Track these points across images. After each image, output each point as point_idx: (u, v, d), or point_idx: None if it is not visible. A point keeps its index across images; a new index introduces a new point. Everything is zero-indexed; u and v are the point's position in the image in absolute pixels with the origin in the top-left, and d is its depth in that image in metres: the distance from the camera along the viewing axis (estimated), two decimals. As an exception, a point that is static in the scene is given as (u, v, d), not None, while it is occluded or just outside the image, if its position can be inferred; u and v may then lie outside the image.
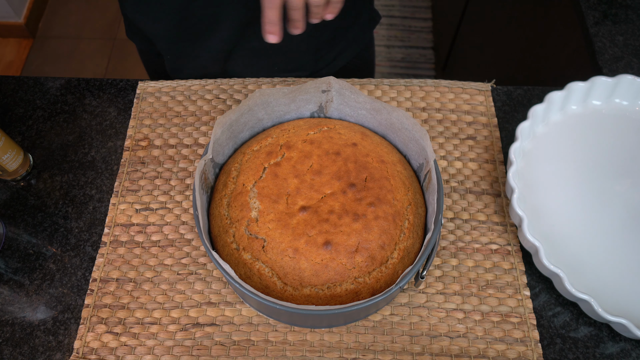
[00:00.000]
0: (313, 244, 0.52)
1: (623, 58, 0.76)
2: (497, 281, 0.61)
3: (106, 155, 0.71)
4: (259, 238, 0.53)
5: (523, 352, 0.57)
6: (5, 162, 0.65)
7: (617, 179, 0.65)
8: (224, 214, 0.55)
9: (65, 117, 0.74)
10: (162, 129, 0.72)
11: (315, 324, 0.58)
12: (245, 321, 0.59)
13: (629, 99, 0.69)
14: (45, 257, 0.64)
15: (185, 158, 0.69)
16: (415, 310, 0.59)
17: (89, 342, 0.58)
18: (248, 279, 0.53)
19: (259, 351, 0.57)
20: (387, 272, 0.53)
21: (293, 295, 0.52)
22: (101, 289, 0.61)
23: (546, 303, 0.60)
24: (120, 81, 0.77)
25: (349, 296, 0.52)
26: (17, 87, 0.77)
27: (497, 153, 0.69)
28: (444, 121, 0.71)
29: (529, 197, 0.64)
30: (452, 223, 0.64)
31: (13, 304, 0.61)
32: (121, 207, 0.66)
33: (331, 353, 0.57)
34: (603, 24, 0.79)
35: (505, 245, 0.63)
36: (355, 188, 0.55)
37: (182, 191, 0.67)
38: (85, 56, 1.97)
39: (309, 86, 0.60)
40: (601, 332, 0.58)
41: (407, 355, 0.57)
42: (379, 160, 0.57)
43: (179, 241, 0.64)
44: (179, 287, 0.61)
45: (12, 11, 1.91)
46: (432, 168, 0.55)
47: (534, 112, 0.66)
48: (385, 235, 0.53)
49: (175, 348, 0.57)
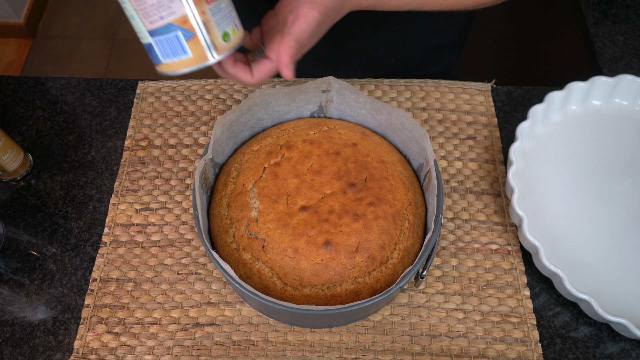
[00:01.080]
0: (313, 244, 0.52)
1: (623, 58, 0.76)
2: (497, 281, 0.61)
3: (106, 155, 0.71)
4: (259, 238, 0.53)
5: (523, 352, 0.57)
6: (5, 162, 0.65)
7: (617, 179, 0.65)
8: (224, 214, 0.55)
9: (65, 117, 0.74)
10: (162, 129, 0.72)
11: (315, 324, 0.58)
12: (245, 321, 0.59)
13: (629, 99, 0.69)
14: (45, 257, 0.64)
15: (185, 158, 0.69)
16: (415, 310, 0.59)
17: (89, 342, 0.58)
18: (248, 279, 0.53)
19: (259, 351, 0.57)
20: (387, 272, 0.53)
21: (293, 295, 0.52)
22: (101, 289, 0.61)
23: (546, 303, 0.60)
24: (120, 81, 0.77)
25: (349, 296, 0.52)
26: (17, 87, 0.77)
27: (497, 153, 0.69)
28: (444, 121, 0.71)
29: (529, 197, 0.64)
30: (452, 223, 0.64)
31: (13, 304, 0.61)
32: (121, 207, 0.66)
33: (331, 353, 0.57)
34: (603, 24, 0.79)
35: (505, 245, 0.63)
36: (355, 188, 0.55)
37: (182, 191, 0.67)
38: (85, 56, 1.97)
39: (309, 86, 0.60)
40: (601, 332, 0.58)
41: (407, 355, 0.57)
42: (379, 160, 0.57)
43: (179, 241, 0.64)
44: (179, 287, 0.61)
45: (12, 11, 1.90)
46: (432, 168, 0.55)
47: (534, 112, 0.66)
48: (385, 235, 0.53)
49: (175, 348, 0.57)
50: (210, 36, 0.42)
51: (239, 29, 0.46)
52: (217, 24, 0.43)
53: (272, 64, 0.47)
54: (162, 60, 0.43)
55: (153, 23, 0.41)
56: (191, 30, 0.41)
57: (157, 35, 0.42)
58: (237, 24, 0.45)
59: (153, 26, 0.41)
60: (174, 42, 0.42)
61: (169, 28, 0.41)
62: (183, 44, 0.42)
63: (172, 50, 0.42)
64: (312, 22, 0.43)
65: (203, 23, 0.42)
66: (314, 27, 0.43)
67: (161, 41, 0.42)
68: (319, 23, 0.43)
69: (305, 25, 0.43)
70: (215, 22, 0.42)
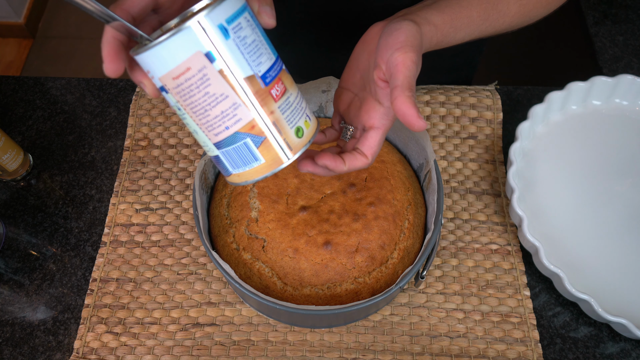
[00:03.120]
0: (313, 244, 0.52)
1: (623, 58, 0.76)
2: (497, 281, 0.61)
3: (106, 155, 0.71)
4: (259, 238, 0.53)
5: (523, 352, 0.57)
6: (5, 162, 0.65)
7: (617, 179, 0.65)
8: (224, 214, 0.55)
9: (65, 117, 0.74)
10: (161, 128, 0.72)
11: (315, 324, 0.58)
12: (245, 321, 0.59)
13: (629, 99, 0.69)
14: (45, 257, 0.64)
15: (185, 158, 0.69)
16: (415, 310, 0.59)
17: (89, 342, 0.58)
18: (248, 279, 0.53)
19: (259, 351, 0.57)
20: (387, 272, 0.53)
21: (293, 295, 0.52)
22: (101, 289, 0.61)
23: (546, 303, 0.60)
24: (120, 81, 0.77)
25: (349, 296, 0.52)
26: (17, 87, 0.77)
27: (497, 153, 0.69)
28: (446, 118, 0.71)
29: (529, 197, 0.64)
30: (452, 223, 0.64)
31: (13, 304, 0.61)
32: (121, 207, 0.66)
33: (331, 353, 0.57)
34: (603, 24, 0.79)
35: (505, 245, 0.63)
36: (355, 188, 0.55)
37: (182, 191, 0.67)
38: (85, 56, 1.97)
39: (308, 86, 0.60)
40: (601, 332, 0.58)
41: (407, 355, 0.57)
42: (379, 160, 0.57)
43: (179, 241, 0.64)
44: (179, 287, 0.61)
45: (12, 11, 1.90)
46: (432, 168, 0.55)
47: (534, 112, 0.65)
48: (385, 235, 0.53)
49: (175, 348, 0.57)
50: (282, 136, 0.37)
51: (312, 119, 0.40)
52: (288, 121, 0.38)
53: (380, 132, 0.42)
54: (232, 171, 0.39)
55: (218, 135, 0.37)
56: (260, 134, 0.37)
57: (224, 147, 0.37)
58: (309, 114, 0.40)
59: (218, 138, 0.37)
60: (242, 151, 0.37)
61: (236, 137, 0.37)
62: (253, 150, 0.37)
63: (242, 159, 0.38)
64: (412, 65, 0.39)
65: (272, 124, 0.37)
66: (415, 69, 0.39)
67: (229, 152, 0.38)
68: (417, 63, 0.39)
69: (408, 71, 0.38)
70: (286, 119, 0.37)
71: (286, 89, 0.38)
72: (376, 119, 0.42)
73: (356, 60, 0.46)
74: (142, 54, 0.34)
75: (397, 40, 0.39)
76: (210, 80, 0.34)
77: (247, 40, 0.35)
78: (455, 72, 0.79)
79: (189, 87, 0.35)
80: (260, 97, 0.36)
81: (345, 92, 0.47)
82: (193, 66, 0.34)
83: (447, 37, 0.45)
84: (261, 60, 0.36)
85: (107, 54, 0.35)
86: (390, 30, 0.40)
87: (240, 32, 0.34)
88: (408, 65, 0.38)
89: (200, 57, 0.33)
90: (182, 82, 0.35)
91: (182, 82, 0.34)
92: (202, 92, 0.35)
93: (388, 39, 0.40)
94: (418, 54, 0.40)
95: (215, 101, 0.35)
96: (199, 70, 0.34)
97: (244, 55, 0.35)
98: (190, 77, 0.34)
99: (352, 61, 0.46)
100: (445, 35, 0.44)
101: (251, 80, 0.35)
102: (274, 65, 0.37)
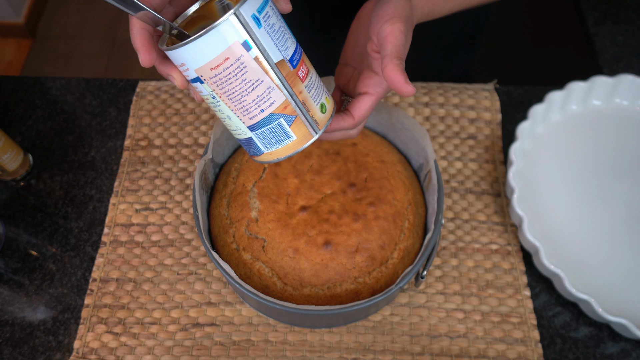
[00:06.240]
0: (313, 244, 0.52)
1: (623, 58, 0.76)
2: (497, 281, 0.61)
3: (106, 155, 0.71)
4: (259, 238, 0.53)
5: (523, 352, 0.57)
6: (5, 162, 0.65)
7: (617, 179, 0.65)
8: (224, 214, 0.55)
9: (65, 117, 0.74)
10: (161, 128, 0.72)
11: (315, 324, 0.58)
12: (245, 321, 0.59)
13: (629, 99, 0.69)
14: (45, 257, 0.64)
15: (185, 158, 0.69)
16: (416, 311, 0.59)
17: (88, 342, 0.58)
18: (248, 279, 0.53)
19: (259, 351, 0.57)
20: (387, 272, 0.53)
21: (293, 295, 0.52)
22: (101, 289, 0.61)
23: (546, 303, 0.60)
24: (120, 81, 0.77)
25: (349, 296, 0.52)
26: (17, 87, 0.77)
27: (497, 153, 0.69)
28: (446, 118, 0.71)
29: (529, 197, 0.64)
30: (452, 223, 0.64)
31: (13, 304, 0.61)
32: (121, 207, 0.66)
33: (331, 353, 0.57)
34: (603, 24, 0.79)
35: (505, 246, 0.63)
36: (355, 188, 0.55)
37: (182, 191, 0.67)
38: (85, 56, 1.97)
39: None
40: (601, 332, 0.58)
41: (407, 355, 0.57)
42: (379, 160, 0.57)
43: (179, 241, 0.64)
44: (178, 287, 0.61)
45: (12, 11, 1.90)
46: (432, 168, 0.55)
47: (534, 112, 0.65)
48: (385, 235, 0.53)
49: (175, 348, 0.57)
50: (310, 113, 0.41)
51: (329, 96, 0.44)
52: (314, 99, 0.41)
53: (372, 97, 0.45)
54: (264, 150, 0.42)
55: (253, 118, 0.39)
56: (292, 113, 0.40)
57: (258, 129, 0.40)
58: (327, 91, 0.44)
59: (253, 121, 0.39)
60: (276, 131, 0.40)
61: (271, 118, 0.39)
62: (286, 129, 0.40)
63: (276, 138, 0.40)
64: (400, 35, 0.41)
65: (302, 103, 0.40)
66: (403, 38, 0.41)
67: (263, 133, 0.40)
68: (405, 33, 0.42)
69: (396, 40, 0.41)
70: (312, 97, 0.41)
71: (308, 69, 0.41)
72: (370, 86, 0.45)
73: (353, 37, 0.48)
74: (179, 49, 0.35)
75: (386, 13, 0.42)
76: (247, 67, 0.36)
77: (275, 27, 0.37)
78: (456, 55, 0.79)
79: (226, 75, 0.36)
80: (291, 79, 0.39)
81: (345, 67, 0.49)
82: (231, 56, 0.36)
83: (437, 6, 0.48)
84: (287, 45, 0.38)
85: (140, 45, 0.37)
86: (381, 3, 0.43)
87: (269, 20, 0.37)
88: (396, 35, 0.41)
89: (238, 46, 0.35)
90: (220, 72, 0.36)
91: (220, 71, 0.36)
92: (240, 80, 0.37)
93: (379, 12, 0.42)
94: (407, 24, 0.42)
95: (252, 87, 0.37)
96: (237, 59, 0.36)
97: (274, 41, 0.37)
98: (229, 66, 0.36)
99: (349, 38, 0.49)
100: (436, 5, 0.48)
101: (282, 65, 0.38)
102: (297, 49, 0.40)
